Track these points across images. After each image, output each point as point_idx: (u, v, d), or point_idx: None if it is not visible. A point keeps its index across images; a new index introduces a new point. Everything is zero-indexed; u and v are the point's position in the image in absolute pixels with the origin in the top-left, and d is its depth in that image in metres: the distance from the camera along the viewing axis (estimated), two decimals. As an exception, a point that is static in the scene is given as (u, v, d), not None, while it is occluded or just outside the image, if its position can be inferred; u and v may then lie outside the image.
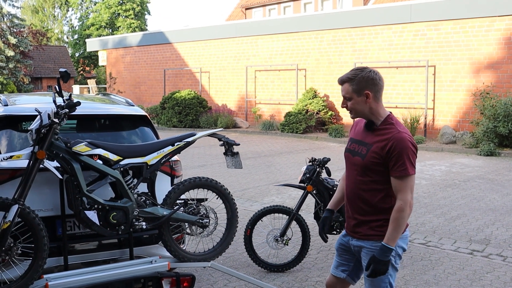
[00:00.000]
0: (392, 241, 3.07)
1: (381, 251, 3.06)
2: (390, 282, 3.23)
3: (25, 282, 3.67)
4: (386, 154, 3.07)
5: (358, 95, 3.18)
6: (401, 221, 3.05)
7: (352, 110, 3.23)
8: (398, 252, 3.21)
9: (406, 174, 3.04)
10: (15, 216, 3.59)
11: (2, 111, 4.33)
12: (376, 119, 3.21)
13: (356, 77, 3.17)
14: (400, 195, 3.07)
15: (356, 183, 3.24)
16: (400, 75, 17.89)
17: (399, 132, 3.09)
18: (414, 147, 3.10)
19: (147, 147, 4.16)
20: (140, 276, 4.00)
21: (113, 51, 30.03)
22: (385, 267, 3.07)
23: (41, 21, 61.71)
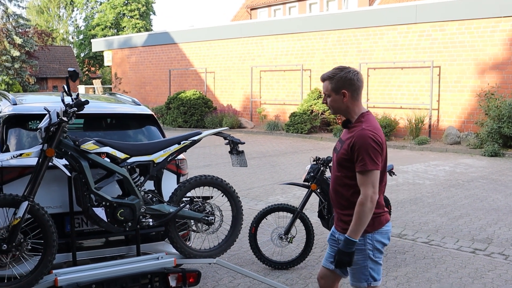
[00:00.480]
0: (354, 233, 3.19)
1: (344, 243, 3.21)
2: (372, 275, 3.35)
3: (35, 277, 3.75)
4: (351, 150, 3.23)
5: (336, 93, 3.34)
6: (362, 214, 3.17)
7: (331, 107, 3.42)
8: (376, 246, 3.33)
9: (365, 169, 3.17)
10: (25, 212, 3.66)
11: (11, 110, 4.41)
12: (351, 117, 3.37)
13: (335, 76, 3.33)
14: (362, 190, 3.20)
15: (334, 179, 3.44)
16: (405, 75, 17.93)
17: (362, 129, 3.22)
18: (376, 143, 3.19)
19: (154, 145, 4.24)
20: (147, 272, 4.07)
21: (118, 51, 30.16)
22: (348, 258, 3.20)
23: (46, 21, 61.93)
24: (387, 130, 17.01)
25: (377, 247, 3.32)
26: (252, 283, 5.18)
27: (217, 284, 5.16)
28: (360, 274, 3.35)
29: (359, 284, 3.39)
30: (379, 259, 3.36)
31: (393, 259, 5.91)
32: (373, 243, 3.31)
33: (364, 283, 3.37)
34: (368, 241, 3.30)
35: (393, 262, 5.81)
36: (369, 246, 3.30)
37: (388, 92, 18.38)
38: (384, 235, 3.35)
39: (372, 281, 3.37)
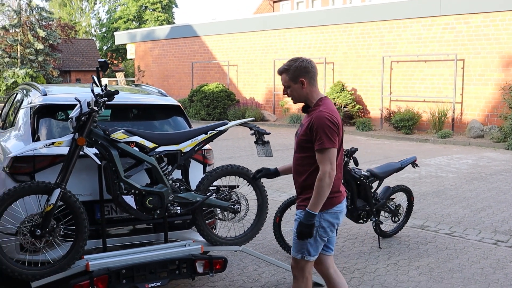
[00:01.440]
0: (314, 206, 3.42)
1: (305, 215, 3.44)
2: (308, 250, 3.57)
3: (67, 262, 3.88)
4: (310, 131, 3.47)
5: (295, 82, 3.56)
6: (320, 189, 3.40)
7: (292, 96, 3.63)
8: (322, 224, 3.54)
9: (323, 147, 3.40)
10: (57, 199, 3.78)
11: (42, 101, 4.54)
12: (310, 103, 3.59)
13: (291, 67, 3.55)
14: (320, 167, 3.42)
15: (295, 159, 3.67)
16: (428, 68, 17.79)
17: (319, 111, 3.46)
18: (332, 123, 3.43)
19: (182, 135, 4.33)
20: (175, 258, 4.17)
21: (141, 44, 30.39)
22: (308, 230, 3.43)
23: (69, 14, 62.54)
24: (410, 124, 16.92)
25: (323, 225, 3.54)
26: (276, 271, 5.26)
27: (242, 272, 5.24)
28: (299, 246, 3.58)
29: (295, 255, 3.63)
30: (322, 238, 3.57)
31: (415, 250, 5.94)
32: (320, 221, 3.52)
33: (299, 255, 3.60)
34: (317, 219, 3.49)
35: (415, 253, 5.84)
36: (316, 223, 3.50)
37: (411, 85, 18.26)
38: (333, 215, 3.57)
39: (307, 255, 3.59)
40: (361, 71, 19.74)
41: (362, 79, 19.73)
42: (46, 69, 40.65)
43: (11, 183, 4.07)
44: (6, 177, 4.16)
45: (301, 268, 3.63)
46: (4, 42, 39.60)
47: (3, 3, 40.80)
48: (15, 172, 4.10)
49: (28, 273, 3.79)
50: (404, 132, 17.05)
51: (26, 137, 4.37)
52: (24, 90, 5.40)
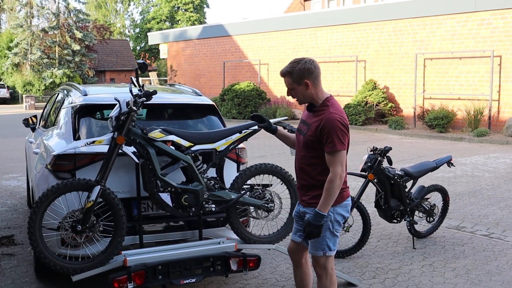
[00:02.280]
0: (324, 208, 3.46)
1: (314, 216, 3.47)
2: (328, 245, 3.63)
3: (106, 257, 3.99)
4: (319, 133, 3.48)
5: (299, 84, 3.55)
6: (331, 190, 3.44)
7: (297, 98, 3.64)
8: (336, 218, 3.61)
9: (334, 149, 3.43)
10: (97, 196, 3.90)
11: (82, 100, 4.66)
12: (316, 102, 3.60)
13: (294, 69, 3.54)
14: (331, 168, 3.46)
15: (301, 159, 3.68)
16: (463, 66, 17.51)
17: (330, 113, 3.47)
18: (343, 125, 3.47)
19: (216, 134, 4.40)
20: (210, 255, 4.24)
21: (174, 44, 30.70)
22: (317, 230, 3.48)
23: (104, 15, 63.58)
24: (444, 122, 16.70)
25: (337, 220, 3.61)
26: (309, 270, 5.28)
27: (275, 270, 5.28)
28: (318, 243, 3.62)
29: (316, 253, 3.66)
30: (337, 231, 3.66)
31: (451, 251, 5.88)
32: (334, 216, 3.59)
33: (320, 252, 3.65)
34: (330, 214, 3.56)
35: (451, 254, 5.79)
36: (331, 218, 3.57)
37: (446, 83, 18.01)
38: (344, 208, 3.66)
39: (328, 251, 3.65)
40: (394, 69, 19.56)
41: (394, 77, 19.55)
42: (82, 69, 41.48)
43: (53, 180, 4.20)
44: (48, 174, 4.30)
45: (323, 265, 3.69)
46: (43, 43, 40.55)
47: (43, 6, 41.76)
48: (57, 170, 4.23)
49: (69, 267, 3.91)
50: (438, 130, 16.84)
51: (68, 136, 4.50)
52: (65, 90, 5.56)
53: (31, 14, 42.00)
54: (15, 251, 5.81)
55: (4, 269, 5.28)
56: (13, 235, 6.38)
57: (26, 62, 40.99)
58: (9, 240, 6.17)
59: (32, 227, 3.82)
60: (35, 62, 40.52)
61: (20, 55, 40.75)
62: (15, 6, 44.77)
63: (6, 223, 6.92)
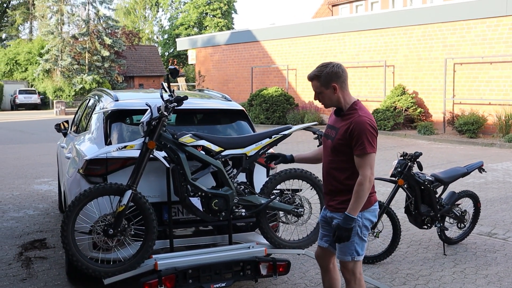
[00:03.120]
0: (354, 211, 3.46)
1: (344, 219, 3.47)
2: (356, 250, 3.61)
3: (137, 261, 4.03)
4: (348, 136, 3.47)
5: (327, 88, 3.55)
6: (361, 193, 3.43)
7: (324, 102, 3.63)
8: (365, 223, 3.60)
9: (364, 152, 3.42)
10: (129, 200, 3.95)
11: (114, 106, 4.73)
12: (343, 107, 3.59)
13: (322, 73, 3.55)
14: (361, 171, 3.45)
15: (328, 163, 3.67)
16: (494, 70, 17.23)
17: (359, 116, 3.48)
18: (373, 128, 3.47)
19: (246, 139, 4.41)
20: (240, 260, 4.25)
21: (202, 50, 30.91)
22: (347, 234, 3.47)
23: (132, 22, 64.39)
24: (475, 127, 16.45)
25: (366, 225, 3.60)
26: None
27: (304, 276, 5.27)
28: (346, 248, 3.61)
29: (344, 258, 3.64)
30: (365, 236, 3.64)
31: (483, 258, 5.79)
32: (362, 221, 3.58)
33: (348, 257, 3.63)
34: (358, 219, 3.54)
35: (483, 261, 5.69)
36: (359, 223, 3.56)
37: (476, 88, 17.74)
38: (372, 213, 3.64)
39: (356, 256, 3.63)
40: (423, 74, 19.35)
41: (423, 82, 19.35)
42: (112, 75, 42.10)
43: (85, 184, 4.27)
44: (80, 179, 4.37)
45: (351, 270, 3.67)
46: (73, 50, 41.29)
47: (74, 14, 42.56)
48: (89, 174, 4.29)
49: (101, 270, 3.97)
50: (468, 136, 16.60)
51: (99, 141, 4.57)
52: (96, 96, 5.64)
53: (62, 21, 42.80)
54: (47, 254, 5.91)
55: (37, 272, 5.38)
56: (45, 238, 6.50)
57: (56, 68, 41.77)
58: (41, 243, 6.29)
59: (65, 231, 3.88)
60: (66, 68, 41.26)
61: (51, 61, 41.56)
62: (46, 14, 45.69)
63: (38, 227, 7.05)
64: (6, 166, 12.47)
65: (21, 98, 41.72)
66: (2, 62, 46.41)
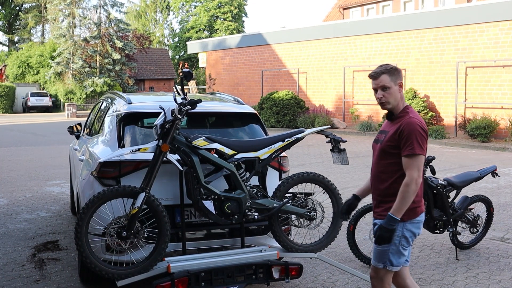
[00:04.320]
0: (397, 212, 3.37)
1: (387, 220, 3.38)
2: (390, 259, 3.51)
3: (150, 263, 4.04)
4: (398, 137, 3.44)
5: (395, 84, 3.52)
6: (406, 194, 3.35)
7: (389, 100, 3.52)
8: (405, 234, 3.49)
9: (413, 153, 3.37)
10: (142, 203, 3.96)
11: (127, 109, 4.75)
12: (397, 109, 3.55)
13: (391, 69, 3.53)
14: (408, 172, 3.39)
15: (376, 167, 3.62)
16: (506, 74, 17.13)
17: (409, 118, 3.46)
18: (423, 130, 3.43)
19: (259, 142, 4.42)
20: (252, 263, 4.25)
21: (212, 53, 30.98)
22: (388, 235, 3.39)
23: (143, 25, 64.60)
24: (487, 131, 16.35)
25: (406, 235, 3.49)
26: (350, 280, 5.24)
27: (316, 279, 5.26)
28: (381, 255, 3.53)
29: (377, 264, 3.57)
30: (404, 248, 3.52)
31: (496, 263, 5.75)
32: (403, 231, 3.48)
33: (381, 265, 3.55)
34: (399, 229, 3.46)
35: (496, 266, 5.65)
36: (399, 233, 3.47)
37: (488, 91, 17.64)
38: (416, 225, 3.53)
39: (389, 265, 3.53)
40: (434, 78, 19.28)
41: (435, 85, 19.27)
42: (122, 78, 42.28)
43: (98, 186, 4.29)
44: (93, 181, 4.40)
45: (380, 278, 3.60)
46: (85, 53, 41.54)
47: (85, 17, 42.84)
48: (103, 176, 4.32)
49: (114, 272, 3.98)
50: (480, 140, 16.50)
51: (113, 143, 4.59)
52: (109, 98, 5.67)
53: (74, 24, 43.05)
54: (60, 256, 5.95)
55: (50, 273, 5.41)
56: (58, 240, 6.53)
57: (68, 71, 42.02)
58: (54, 245, 6.32)
59: (79, 233, 3.90)
60: (77, 71, 41.50)
61: (62, 64, 41.82)
62: (58, 17, 46.00)
63: (50, 229, 7.09)
64: (19, 168, 12.56)
65: (33, 100, 42.09)
66: (14, 65, 46.78)
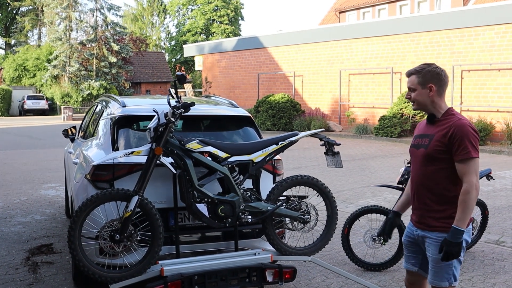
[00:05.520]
0: (462, 222, 3.13)
1: (452, 233, 3.13)
2: (454, 274, 3.28)
3: (143, 266, 4.03)
4: (448, 141, 3.20)
5: (423, 87, 3.33)
6: (468, 202, 3.14)
7: (415, 101, 3.39)
8: (463, 245, 3.22)
9: (469, 157, 3.15)
10: (135, 206, 3.95)
11: (121, 112, 4.74)
12: (437, 112, 3.35)
13: (423, 70, 3.35)
14: (465, 178, 3.16)
15: (421, 174, 3.35)
16: (502, 77, 17.18)
17: (459, 119, 3.24)
18: (475, 132, 3.22)
19: (253, 145, 4.41)
20: (246, 266, 4.24)
21: (209, 56, 31.00)
22: (457, 249, 3.13)
23: (140, 28, 64.63)
24: (483, 134, 16.38)
25: (464, 246, 3.25)
26: (345, 283, 5.23)
27: (310, 283, 5.25)
28: (444, 272, 3.28)
29: (440, 283, 3.30)
30: (462, 259, 3.32)
31: (490, 266, 5.75)
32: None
33: (446, 283, 3.29)
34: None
35: (491, 269, 5.65)
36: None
37: (484, 95, 17.69)
38: (468, 233, 3.30)
39: (453, 281, 3.30)
40: (431, 81, 19.30)
41: (431, 89, 19.30)
42: (119, 81, 42.29)
43: (92, 189, 4.28)
44: (87, 184, 4.39)
45: None
46: (81, 56, 41.54)
47: (82, 20, 42.86)
48: (96, 180, 4.31)
49: (107, 275, 3.96)
50: (476, 143, 16.52)
51: (107, 146, 4.58)
52: (103, 101, 5.66)
53: (70, 27, 43.06)
54: (54, 259, 5.93)
55: (44, 277, 5.38)
56: (52, 243, 6.51)
57: (64, 74, 42.01)
58: (48, 248, 6.30)
59: (72, 236, 3.89)
60: (73, 74, 41.48)
61: (59, 67, 41.80)
62: (55, 20, 45.98)
63: (45, 232, 7.06)
64: (14, 171, 12.52)
65: (29, 103, 42.02)
66: (11, 68, 46.73)
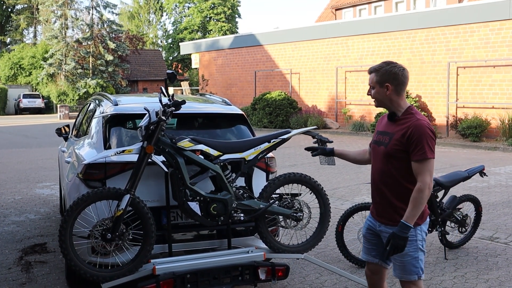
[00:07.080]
0: (411, 219, 3.25)
1: (400, 227, 3.25)
2: (421, 267, 3.40)
3: (135, 265, 4.02)
4: (406, 141, 3.30)
5: (380, 86, 3.42)
6: (419, 201, 3.25)
7: (375, 98, 3.49)
8: (424, 237, 3.43)
9: (425, 157, 3.26)
10: (127, 205, 3.94)
11: (113, 110, 4.73)
12: (397, 111, 3.44)
13: (381, 69, 3.43)
14: (420, 177, 3.27)
15: (381, 171, 3.47)
16: (497, 74, 17.20)
17: (417, 120, 3.32)
18: (432, 133, 3.31)
19: (245, 143, 4.41)
20: (238, 264, 4.24)
21: (205, 54, 30.96)
22: (403, 243, 3.24)
23: (136, 26, 64.49)
24: (478, 131, 16.41)
25: (424, 237, 3.44)
26: (339, 280, 5.23)
27: (304, 280, 5.25)
28: (411, 266, 3.40)
29: (409, 277, 3.42)
30: (423, 250, 3.45)
31: (484, 262, 5.76)
32: (422, 234, 3.42)
33: (415, 276, 3.41)
34: (419, 233, 3.40)
35: (484, 265, 5.67)
36: (420, 237, 3.41)
37: (479, 91, 17.71)
38: (426, 225, 3.47)
39: (421, 273, 3.42)
40: (426, 78, 19.33)
41: (426, 85, 19.32)
42: (115, 79, 42.22)
43: (84, 188, 4.27)
44: (79, 183, 4.38)
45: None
46: (77, 54, 41.46)
47: (77, 18, 42.76)
48: (88, 178, 4.30)
49: (99, 275, 3.96)
50: (471, 139, 16.56)
51: (99, 145, 4.57)
52: (96, 100, 5.65)
53: (66, 25, 42.97)
54: (47, 259, 5.92)
55: (37, 276, 5.38)
56: (46, 242, 6.50)
57: (60, 73, 41.93)
58: (42, 247, 6.29)
59: (63, 235, 3.87)
60: (69, 73, 41.41)
61: (55, 65, 41.72)
62: (50, 18, 45.89)
63: (39, 231, 7.05)
64: (9, 170, 12.50)
65: (25, 102, 41.96)
66: (6, 67, 46.62)
